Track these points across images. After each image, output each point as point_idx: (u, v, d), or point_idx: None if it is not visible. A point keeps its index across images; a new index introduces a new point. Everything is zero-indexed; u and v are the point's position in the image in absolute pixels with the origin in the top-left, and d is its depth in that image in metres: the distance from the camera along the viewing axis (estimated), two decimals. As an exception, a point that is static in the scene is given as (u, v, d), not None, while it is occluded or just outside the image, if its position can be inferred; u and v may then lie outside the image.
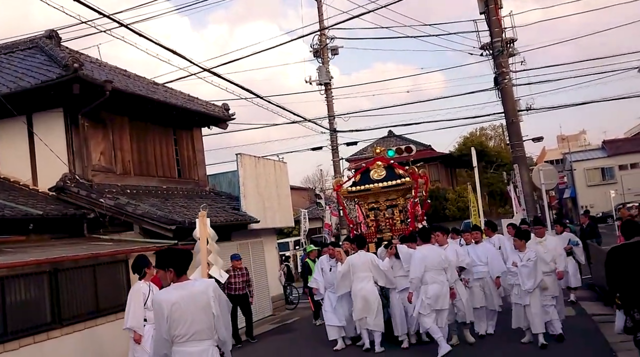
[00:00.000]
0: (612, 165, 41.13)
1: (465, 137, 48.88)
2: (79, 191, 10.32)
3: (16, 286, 6.97)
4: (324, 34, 22.85)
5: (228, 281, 10.40)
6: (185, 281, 4.05)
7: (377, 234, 10.14)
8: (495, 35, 12.80)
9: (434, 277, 7.54)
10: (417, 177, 10.03)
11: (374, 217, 10.27)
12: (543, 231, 8.28)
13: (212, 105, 14.94)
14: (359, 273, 8.38)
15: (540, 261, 7.72)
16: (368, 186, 10.09)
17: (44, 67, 10.83)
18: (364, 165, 11.21)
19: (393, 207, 10.21)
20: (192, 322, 3.93)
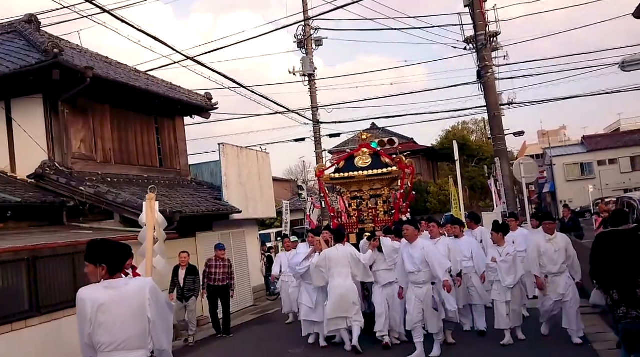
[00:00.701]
0: (591, 161, 41.83)
1: (448, 131, 49.20)
2: (59, 178, 10.18)
3: None
4: (309, 24, 22.77)
5: (209, 271, 10.37)
6: (116, 280, 3.38)
7: (358, 225, 9.63)
8: (479, 28, 12.87)
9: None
10: (404, 166, 9.55)
11: (357, 207, 9.76)
12: (553, 226, 7.39)
13: (194, 94, 14.81)
14: (336, 268, 7.79)
15: (550, 261, 7.16)
16: (352, 174, 9.56)
17: (23, 52, 10.62)
18: (348, 152, 10.63)
19: (377, 197, 9.67)
20: (121, 328, 3.29)
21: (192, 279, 9.99)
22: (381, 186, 9.66)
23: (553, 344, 7.26)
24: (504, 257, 7.48)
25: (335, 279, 7.79)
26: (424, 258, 6.98)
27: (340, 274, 7.76)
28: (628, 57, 15.86)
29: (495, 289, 7.63)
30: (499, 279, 7.51)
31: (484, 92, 13.31)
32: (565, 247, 7.16)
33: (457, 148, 21.92)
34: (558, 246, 7.18)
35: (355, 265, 7.86)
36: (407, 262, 7.15)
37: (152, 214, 5.53)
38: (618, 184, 38.51)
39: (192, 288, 9.97)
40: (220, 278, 10.39)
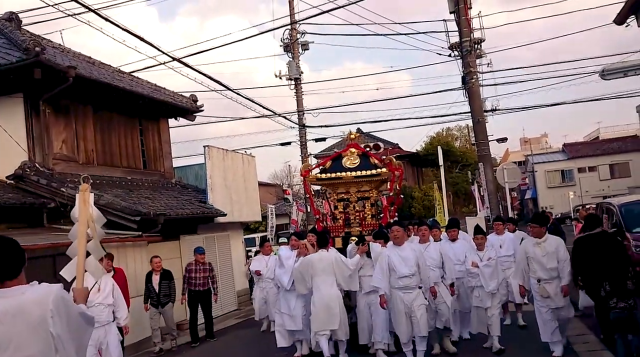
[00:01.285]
0: (572, 168, 42.27)
1: (432, 136, 49.70)
2: (39, 179, 10.00)
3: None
4: (295, 28, 22.75)
5: (189, 276, 10.10)
6: (12, 288, 2.70)
7: (345, 228, 9.19)
8: (464, 34, 12.94)
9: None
10: (394, 168, 9.10)
11: (343, 209, 9.30)
12: (538, 230, 6.79)
13: (179, 95, 14.69)
14: (320, 276, 7.18)
15: (539, 266, 6.67)
16: (339, 174, 9.09)
17: (3, 50, 10.38)
18: (336, 151, 10.35)
19: (364, 199, 9.23)
20: (16, 346, 2.63)
21: (167, 284, 9.68)
22: (369, 188, 9.23)
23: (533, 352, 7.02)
24: (487, 262, 7.32)
25: (320, 288, 7.19)
26: (417, 260, 6.75)
27: (325, 282, 7.16)
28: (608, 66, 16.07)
29: (476, 295, 7.41)
30: (480, 285, 7.32)
31: (468, 98, 13.38)
32: (555, 250, 6.66)
33: (442, 154, 22.13)
34: (547, 250, 6.67)
35: (340, 272, 7.25)
36: (398, 266, 6.75)
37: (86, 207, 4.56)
38: (597, 191, 38.94)
39: (168, 293, 9.67)
40: (201, 283, 10.14)
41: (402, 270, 6.76)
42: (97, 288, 6.52)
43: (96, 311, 6.37)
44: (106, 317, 6.82)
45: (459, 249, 7.88)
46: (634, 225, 9.98)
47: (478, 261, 7.36)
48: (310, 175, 9.57)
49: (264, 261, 10.12)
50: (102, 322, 6.68)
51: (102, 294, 6.81)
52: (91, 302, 6.18)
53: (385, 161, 9.29)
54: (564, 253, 6.67)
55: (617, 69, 15.09)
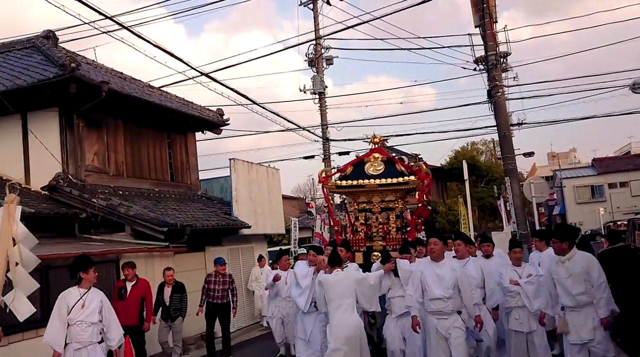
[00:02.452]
0: (602, 183, 41.56)
1: (457, 151, 49.29)
2: (72, 190, 10.31)
3: (6, 282, 6.93)
4: (319, 43, 23.02)
5: (208, 287, 9.77)
6: None
7: (366, 242, 8.31)
8: (490, 49, 12.96)
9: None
10: (424, 176, 8.13)
11: (365, 221, 8.42)
12: (562, 245, 5.65)
13: (206, 110, 14.99)
14: (336, 301, 6.16)
15: (562, 290, 5.57)
16: (361, 182, 8.21)
17: (40, 66, 10.85)
18: (358, 156, 9.37)
19: (389, 210, 8.31)
20: None
21: (179, 297, 9.30)
22: (394, 198, 8.32)
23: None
24: (528, 279, 6.52)
25: (337, 313, 6.16)
26: (457, 282, 5.72)
27: (341, 308, 6.13)
28: (639, 79, 15.96)
29: (516, 318, 6.53)
30: (520, 305, 6.50)
31: (494, 112, 13.35)
32: (586, 270, 5.43)
33: (467, 168, 22.02)
34: (571, 270, 5.48)
35: (362, 291, 6.29)
36: (432, 286, 5.77)
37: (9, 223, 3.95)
38: (629, 207, 38.13)
39: (179, 307, 9.30)
40: (220, 295, 9.72)
41: (435, 291, 5.76)
42: (81, 304, 5.71)
43: (78, 330, 5.63)
44: (89, 338, 5.69)
45: (494, 266, 7.02)
46: (665, 241, 9.81)
47: (517, 278, 6.56)
48: (329, 182, 8.71)
49: (282, 277, 8.90)
50: (84, 342, 5.65)
51: (86, 311, 5.72)
52: (72, 320, 5.62)
53: (414, 168, 8.34)
54: (598, 274, 5.40)
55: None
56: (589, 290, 5.40)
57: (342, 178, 8.57)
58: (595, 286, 5.37)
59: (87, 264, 5.93)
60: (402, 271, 6.58)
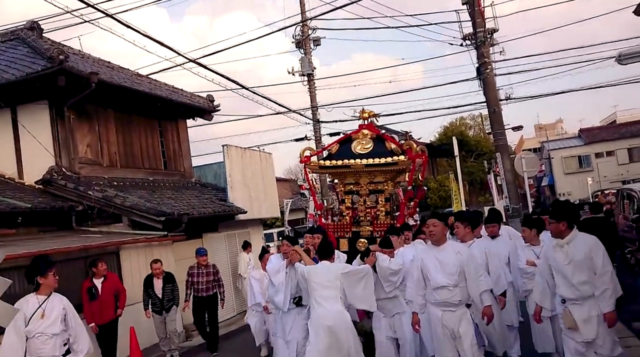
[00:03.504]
0: (589, 153, 41.99)
1: (446, 127, 49.52)
2: (66, 183, 10.28)
3: (11, 278, 6.97)
4: (306, 24, 22.86)
5: (192, 280, 9.32)
6: None
7: (352, 227, 7.63)
8: (478, 25, 12.99)
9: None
10: (415, 156, 7.42)
11: (351, 204, 7.73)
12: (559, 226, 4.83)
13: (196, 96, 14.91)
14: (319, 291, 5.52)
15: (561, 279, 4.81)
16: (347, 162, 7.52)
17: (27, 59, 10.71)
18: (345, 134, 8.56)
19: (378, 193, 7.67)
20: None
21: (171, 287, 8.97)
22: (384, 180, 7.68)
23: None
24: None
25: (318, 305, 5.49)
26: (462, 267, 4.99)
27: (323, 298, 5.50)
28: (625, 50, 15.99)
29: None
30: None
31: (484, 89, 13.44)
32: (588, 255, 4.65)
33: (456, 144, 22.17)
34: (571, 256, 4.71)
35: (350, 286, 5.57)
36: (434, 273, 5.11)
37: None
38: (616, 175, 38.70)
39: (172, 297, 8.96)
40: (204, 288, 9.20)
41: (438, 279, 5.09)
42: (40, 313, 4.96)
43: (37, 343, 4.90)
44: (50, 351, 4.98)
45: (502, 247, 6.41)
46: (656, 210, 10.01)
47: (534, 258, 5.89)
48: (312, 162, 7.98)
49: (265, 280, 7.86)
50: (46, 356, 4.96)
51: (46, 322, 4.99)
52: (30, 333, 4.89)
53: (404, 147, 7.60)
54: (603, 261, 4.62)
55: (634, 54, 15.04)
56: (593, 279, 4.61)
57: (326, 157, 7.86)
58: (599, 274, 4.58)
59: (45, 267, 5.11)
60: (379, 268, 5.76)
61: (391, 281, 5.80)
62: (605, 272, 4.58)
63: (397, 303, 5.91)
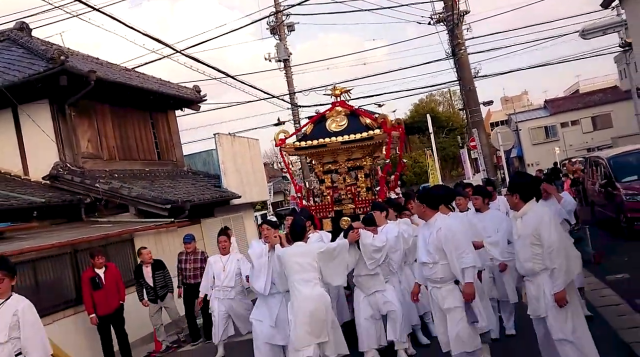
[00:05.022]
0: (555, 124, 43.38)
1: (416, 104, 50.63)
2: (73, 177, 10.77)
3: (45, 267, 7.58)
4: (280, 11, 23.34)
5: (181, 267, 9.03)
6: None
7: (334, 206, 7.55)
8: (450, 8, 13.75)
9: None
10: (390, 129, 7.36)
11: (331, 183, 7.64)
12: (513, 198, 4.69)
13: (183, 87, 15.39)
14: (296, 275, 5.37)
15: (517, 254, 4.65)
16: (322, 141, 7.42)
17: (25, 60, 11.09)
18: (318, 113, 8.49)
19: (357, 169, 7.57)
20: None
21: (162, 273, 8.79)
22: (362, 155, 7.57)
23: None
24: None
25: (297, 289, 5.37)
26: (441, 244, 4.82)
27: (302, 281, 5.36)
28: (588, 25, 16.99)
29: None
30: None
31: (458, 68, 14.26)
32: (535, 231, 4.44)
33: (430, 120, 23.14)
34: (522, 230, 4.58)
35: (325, 264, 5.48)
36: (419, 250, 5.13)
37: None
38: (581, 144, 40.19)
39: (164, 284, 8.77)
40: (192, 275, 8.85)
41: (421, 255, 5.07)
42: None
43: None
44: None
45: (490, 221, 6.05)
46: (623, 175, 10.92)
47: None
48: (287, 144, 7.83)
49: (220, 263, 7.51)
50: None
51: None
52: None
53: (379, 121, 7.51)
54: (548, 236, 4.37)
55: (597, 28, 16.01)
56: (539, 255, 4.41)
57: (302, 139, 7.71)
58: (545, 251, 4.36)
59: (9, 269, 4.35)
60: (363, 246, 5.69)
61: (374, 258, 5.73)
62: (551, 250, 4.33)
63: (377, 281, 5.85)
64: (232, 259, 7.41)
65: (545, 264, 4.36)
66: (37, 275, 7.49)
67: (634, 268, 7.86)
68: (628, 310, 6.04)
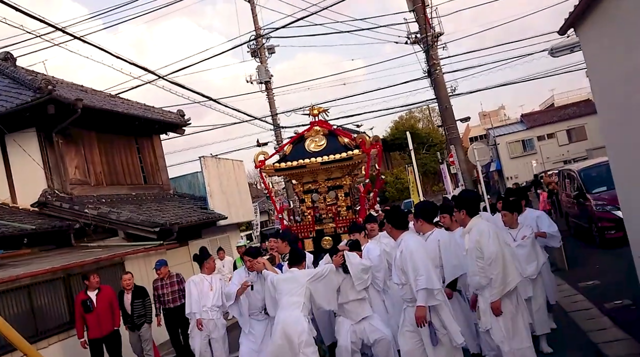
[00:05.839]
0: (531, 137, 44.40)
1: (396, 121, 51.31)
2: (61, 204, 10.97)
3: (39, 292, 7.77)
4: (260, 34, 23.80)
5: (157, 293, 8.68)
6: None
7: (315, 226, 7.59)
8: (425, 31, 14.30)
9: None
10: (368, 149, 7.43)
11: (312, 203, 7.70)
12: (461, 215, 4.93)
13: (168, 112, 15.67)
14: (283, 299, 5.50)
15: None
16: (302, 162, 7.47)
17: (12, 90, 11.32)
18: (297, 134, 8.56)
19: (337, 188, 7.64)
20: None
21: (141, 302, 8.44)
22: (341, 175, 7.63)
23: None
24: (521, 242, 5.90)
25: (282, 311, 5.46)
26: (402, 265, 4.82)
27: (287, 304, 5.45)
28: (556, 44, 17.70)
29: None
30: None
31: (434, 88, 14.77)
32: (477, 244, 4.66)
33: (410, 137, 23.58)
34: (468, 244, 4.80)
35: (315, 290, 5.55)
36: (393, 270, 5.17)
37: None
38: (558, 156, 41.16)
39: (143, 313, 8.42)
40: (170, 299, 8.54)
41: (393, 276, 5.11)
42: None
43: None
44: None
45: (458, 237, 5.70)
46: (593, 187, 11.37)
47: (511, 242, 5.75)
48: (267, 166, 7.85)
49: (206, 281, 7.43)
50: None
51: None
52: None
53: (358, 140, 7.58)
54: (487, 247, 4.58)
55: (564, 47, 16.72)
56: (483, 269, 4.58)
57: (281, 159, 7.76)
58: (485, 263, 4.54)
59: None
60: (351, 266, 5.64)
61: (362, 278, 5.65)
62: (490, 260, 4.51)
63: (365, 307, 5.75)
64: (216, 278, 7.50)
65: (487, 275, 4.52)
66: (33, 300, 7.68)
67: (604, 275, 8.27)
68: (597, 314, 6.44)
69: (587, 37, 5.87)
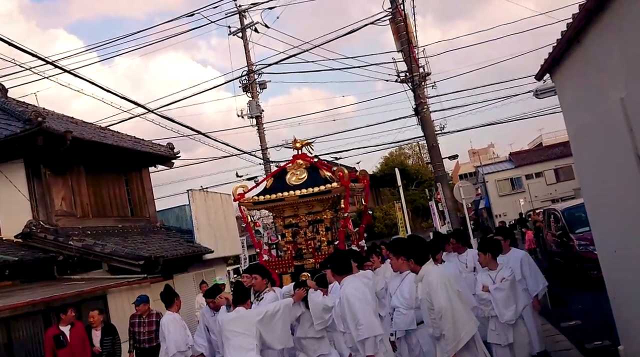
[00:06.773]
0: (520, 176, 44.89)
1: (386, 157, 51.71)
2: (46, 235, 10.91)
3: (18, 325, 7.67)
4: (252, 69, 24.18)
5: (133, 330, 8.46)
6: None
7: (293, 261, 7.45)
8: (413, 70, 14.62)
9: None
10: (347, 182, 7.33)
11: (292, 238, 7.60)
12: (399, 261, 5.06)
13: (157, 145, 15.77)
14: (232, 340, 5.18)
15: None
16: (281, 195, 7.40)
17: (1, 121, 11.34)
18: (279, 167, 8.66)
19: (318, 222, 7.54)
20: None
21: (111, 340, 8.16)
22: (322, 209, 7.52)
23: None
24: (499, 284, 5.66)
25: (232, 355, 5.18)
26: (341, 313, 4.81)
27: (237, 347, 5.16)
28: (540, 86, 18.13)
29: (492, 329, 5.65)
30: (493, 314, 5.63)
31: (422, 126, 15.03)
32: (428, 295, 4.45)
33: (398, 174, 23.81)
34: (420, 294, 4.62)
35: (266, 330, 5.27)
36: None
37: None
38: (545, 195, 41.52)
39: (112, 352, 8.13)
40: (146, 339, 8.19)
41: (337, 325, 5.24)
42: None
43: None
44: None
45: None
46: (576, 226, 11.54)
47: (490, 283, 5.71)
48: (245, 199, 7.76)
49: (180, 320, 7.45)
50: None
51: None
52: None
53: (336, 173, 7.52)
54: (437, 300, 4.31)
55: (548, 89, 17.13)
56: (435, 321, 4.37)
57: (262, 193, 7.69)
58: (436, 316, 4.29)
59: None
60: (312, 304, 5.42)
61: (323, 318, 5.41)
62: (440, 314, 4.26)
63: (323, 344, 5.57)
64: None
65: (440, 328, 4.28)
66: (11, 333, 7.56)
67: (586, 315, 8.32)
68: (576, 354, 6.46)
69: (561, 81, 6.09)
